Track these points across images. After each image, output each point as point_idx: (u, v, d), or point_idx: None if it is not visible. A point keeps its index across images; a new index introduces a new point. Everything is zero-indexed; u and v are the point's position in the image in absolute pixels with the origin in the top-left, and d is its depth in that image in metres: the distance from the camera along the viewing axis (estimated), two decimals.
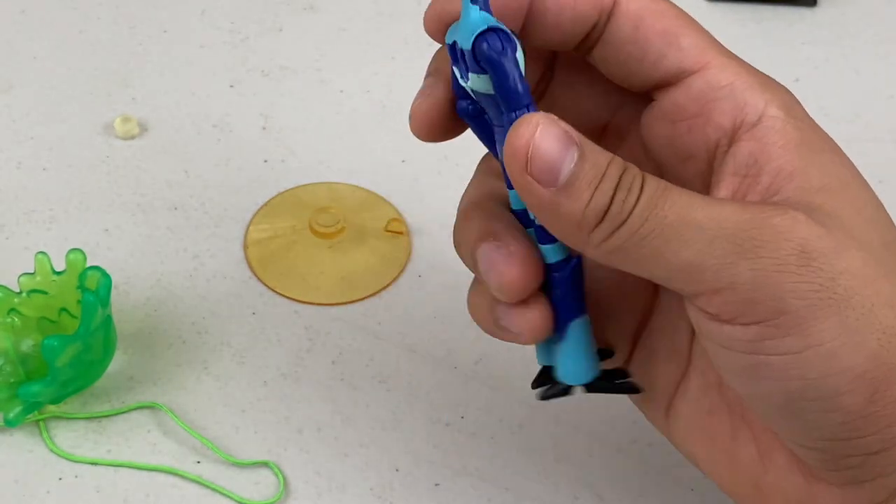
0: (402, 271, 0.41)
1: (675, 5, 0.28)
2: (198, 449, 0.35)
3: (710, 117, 0.27)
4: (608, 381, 0.29)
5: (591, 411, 0.37)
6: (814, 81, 0.48)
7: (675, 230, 0.24)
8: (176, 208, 0.42)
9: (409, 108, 0.28)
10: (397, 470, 0.34)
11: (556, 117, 0.25)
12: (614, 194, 0.25)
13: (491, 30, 0.25)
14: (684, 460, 0.31)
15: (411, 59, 0.54)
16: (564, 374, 0.28)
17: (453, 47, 0.26)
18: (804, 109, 0.28)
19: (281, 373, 0.36)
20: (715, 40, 0.28)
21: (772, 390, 0.25)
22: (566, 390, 0.29)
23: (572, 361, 0.28)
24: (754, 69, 0.28)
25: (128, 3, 0.52)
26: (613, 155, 0.25)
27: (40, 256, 0.35)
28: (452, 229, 0.29)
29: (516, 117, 0.25)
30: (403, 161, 0.44)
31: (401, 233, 0.41)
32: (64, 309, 0.35)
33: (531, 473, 0.35)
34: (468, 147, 0.46)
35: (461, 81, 0.26)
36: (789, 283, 0.24)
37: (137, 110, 0.45)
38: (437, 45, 0.30)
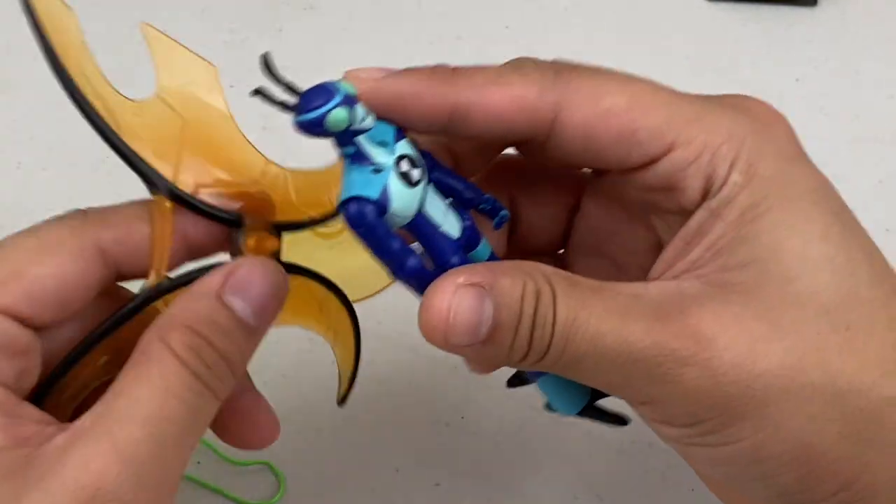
0: None
1: (621, 88, 0.27)
2: (198, 449, 0.34)
3: (682, 191, 0.27)
4: (595, 411, 0.30)
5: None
6: (814, 81, 0.49)
7: (590, 359, 0.25)
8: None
9: None
10: (397, 470, 0.35)
11: (464, 274, 0.25)
12: (532, 333, 0.25)
13: (352, 200, 0.25)
14: (684, 461, 0.31)
15: (411, 59, 0.54)
16: (552, 403, 0.29)
17: None
18: (779, 148, 0.27)
19: (281, 373, 0.36)
20: (676, 102, 0.27)
21: (707, 465, 0.27)
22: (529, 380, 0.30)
23: (552, 399, 0.29)
24: (722, 115, 0.27)
25: (128, 4, 0.52)
26: (524, 279, 0.25)
27: None
28: None
29: (398, 277, 0.26)
30: None
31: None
32: None
33: (531, 473, 0.35)
34: None
35: None
36: (697, 403, 0.25)
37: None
38: (437, 46, 0.29)
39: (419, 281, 0.26)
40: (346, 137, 0.25)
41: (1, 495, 0.24)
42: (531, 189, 0.29)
